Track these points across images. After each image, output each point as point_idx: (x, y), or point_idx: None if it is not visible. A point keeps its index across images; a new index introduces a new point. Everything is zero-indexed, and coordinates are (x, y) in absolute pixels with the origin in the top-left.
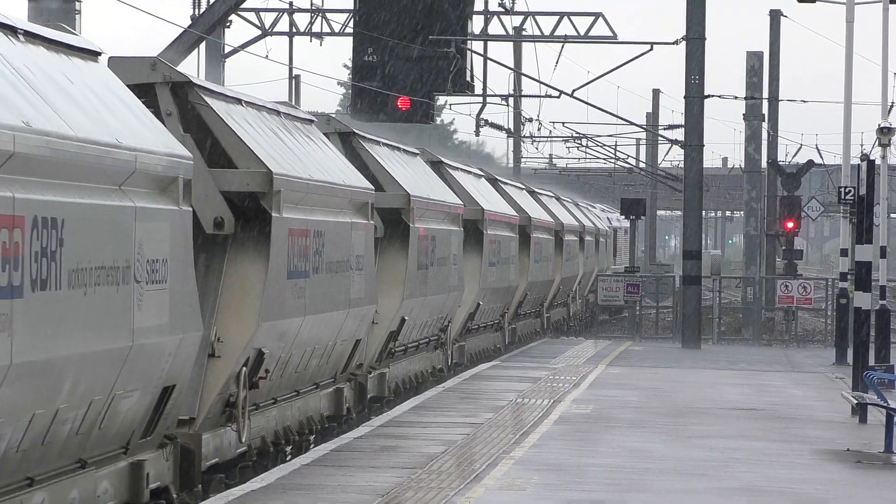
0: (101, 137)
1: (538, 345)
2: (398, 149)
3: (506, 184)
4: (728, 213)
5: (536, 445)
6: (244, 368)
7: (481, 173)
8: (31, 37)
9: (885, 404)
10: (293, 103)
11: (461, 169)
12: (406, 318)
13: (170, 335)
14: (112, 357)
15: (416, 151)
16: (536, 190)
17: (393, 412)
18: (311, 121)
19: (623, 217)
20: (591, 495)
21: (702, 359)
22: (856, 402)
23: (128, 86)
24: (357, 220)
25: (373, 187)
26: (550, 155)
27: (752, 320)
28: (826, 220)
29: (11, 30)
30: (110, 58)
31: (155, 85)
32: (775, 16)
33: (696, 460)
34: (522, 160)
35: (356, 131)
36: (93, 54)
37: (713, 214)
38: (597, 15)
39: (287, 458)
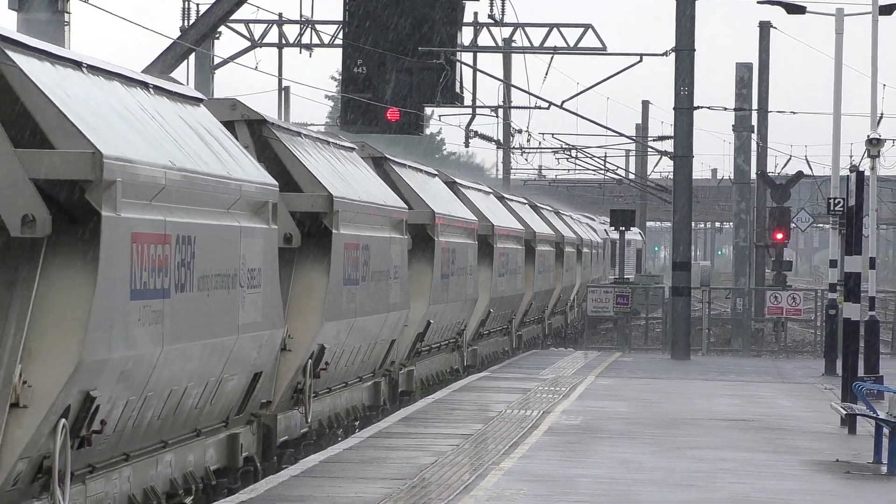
0: (218, 171)
1: (528, 356)
2: (420, 170)
3: (511, 200)
4: (717, 225)
5: (526, 457)
6: (310, 360)
7: (489, 190)
8: (158, 90)
9: (875, 415)
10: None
11: (472, 187)
12: (431, 321)
13: (261, 330)
14: (224, 346)
15: (435, 172)
16: (538, 205)
17: (381, 424)
18: (353, 148)
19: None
20: None
21: (691, 370)
22: (845, 412)
23: None
24: (394, 235)
25: (406, 206)
26: (540, 166)
27: (742, 331)
28: (815, 232)
29: (144, 85)
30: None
31: (234, 122)
32: (765, 27)
33: (685, 471)
34: (512, 171)
35: (387, 156)
36: (196, 101)
37: (703, 225)
38: (586, 26)
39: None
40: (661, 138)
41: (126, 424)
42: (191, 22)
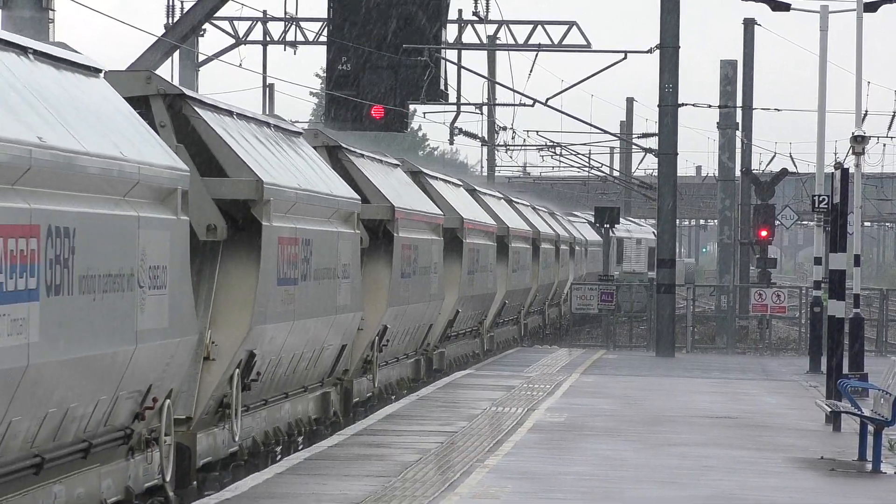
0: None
1: (512, 353)
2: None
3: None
4: (702, 222)
5: (511, 454)
6: (377, 343)
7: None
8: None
9: (859, 412)
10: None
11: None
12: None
13: (350, 312)
14: (327, 322)
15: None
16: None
17: (367, 420)
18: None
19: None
20: (565, 503)
21: (675, 367)
22: (829, 410)
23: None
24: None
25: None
26: (525, 163)
27: (726, 328)
28: (800, 229)
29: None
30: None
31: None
32: (749, 24)
33: (669, 468)
34: (496, 169)
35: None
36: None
37: (687, 223)
38: (571, 24)
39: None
40: (646, 135)
41: (267, 377)
42: (175, 19)
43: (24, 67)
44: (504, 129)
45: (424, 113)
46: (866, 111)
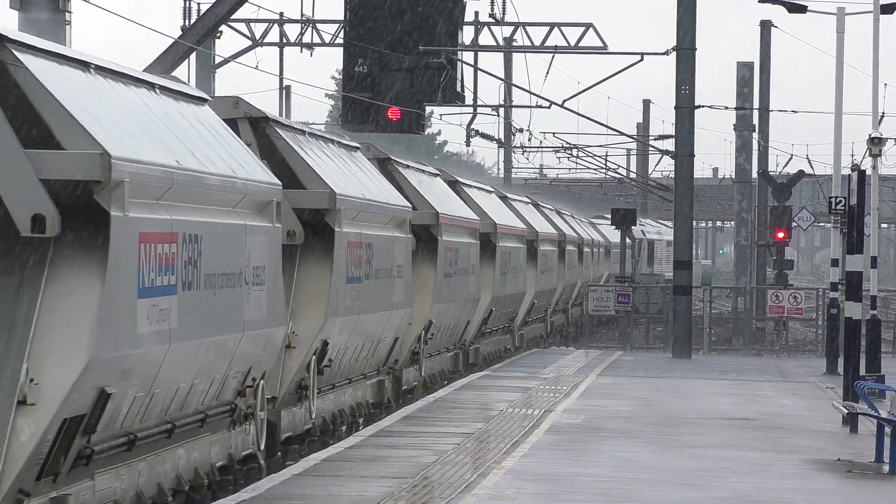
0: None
1: (529, 354)
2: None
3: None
4: (719, 224)
5: (527, 455)
6: (423, 333)
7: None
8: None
9: (876, 414)
10: (283, 114)
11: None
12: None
13: (404, 308)
14: (385, 317)
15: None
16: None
17: (383, 422)
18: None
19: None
20: None
21: (692, 369)
22: (846, 411)
23: None
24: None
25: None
26: (541, 165)
27: (743, 330)
28: (817, 231)
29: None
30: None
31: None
32: (766, 26)
33: (686, 470)
34: (513, 170)
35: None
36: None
37: (704, 225)
38: (587, 25)
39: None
40: (663, 137)
41: (336, 364)
42: (192, 21)
43: (155, 101)
44: (520, 130)
45: (441, 115)
46: (883, 113)
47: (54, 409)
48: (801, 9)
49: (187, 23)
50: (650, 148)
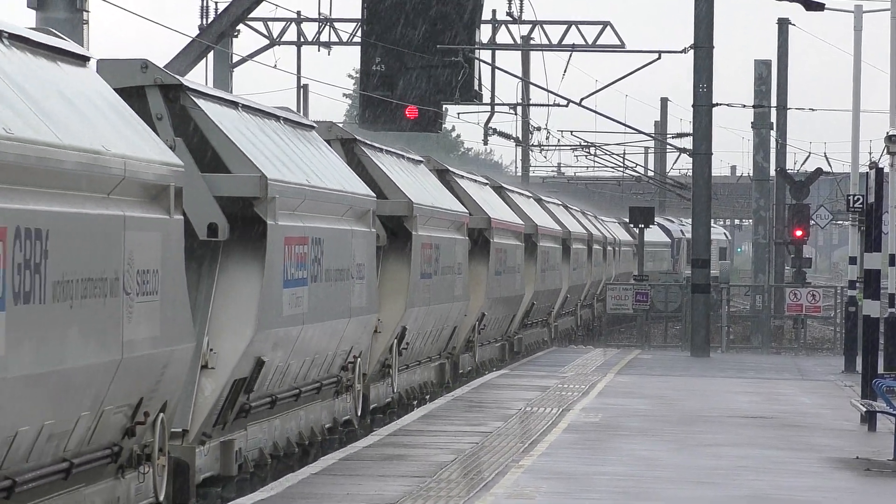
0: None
1: (546, 353)
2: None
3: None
4: (737, 222)
5: (545, 454)
6: (477, 324)
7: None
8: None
9: (894, 412)
10: (301, 112)
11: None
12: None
13: (463, 301)
14: (448, 307)
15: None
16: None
17: (401, 421)
18: (312, 127)
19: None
20: (600, 503)
21: (710, 367)
22: (865, 410)
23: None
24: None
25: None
26: (559, 164)
27: (761, 328)
28: (835, 228)
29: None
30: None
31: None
32: (783, 24)
33: (704, 468)
34: (531, 169)
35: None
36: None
37: (722, 223)
38: (605, 24)
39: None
40: (680, 135)
41: (411, 347)
42: (209, 20)
43: (281, 130)
44: (538, 129)
45: (458, 113)
46: None
47: (228, 372)
48: (819, 6)
49: (205, 22)
50: (668, 146)
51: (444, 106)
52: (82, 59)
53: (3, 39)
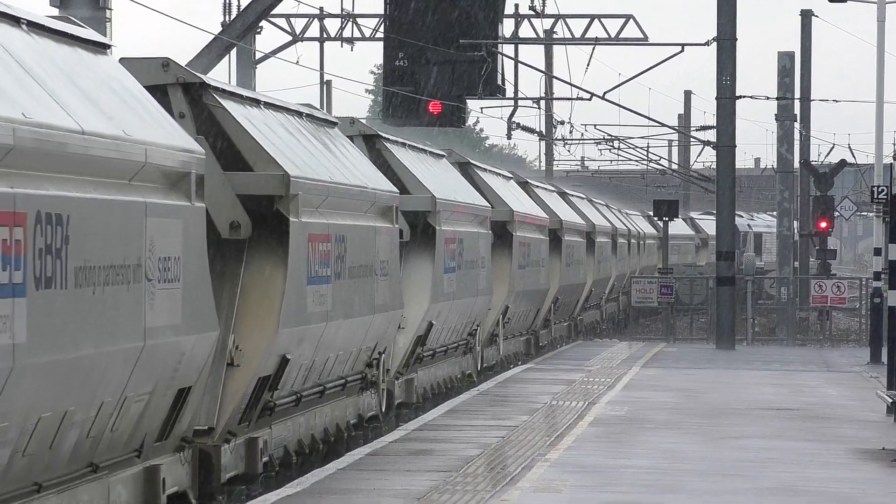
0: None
1: (572, 347)
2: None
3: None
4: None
5: (571, 448)
6: (501, 317)
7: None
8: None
9: None
10: (324, 108)
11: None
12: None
13: (483, 295)
14: (469, 303)
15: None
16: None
17: (427, 416)
18: (335, 123)
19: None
20: (627, 497)
21: (736, 359)
22: (891, 401)
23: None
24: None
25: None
26: (582, 157)
27: (787, 320)
28: (859, 220)
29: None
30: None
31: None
32: (806, 16)
33: (731, 461)
34: (554, 163)
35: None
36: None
37: (746, 215)
38: (627, 17)
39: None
40: (704, 128)
41: (432, 341)
42: (232, 17)
43: (303, 126)
44: (562, 123)
45: (482, 108)
46: None
47: (253, 369)
48: None
49: (227, 19)
50: (691, 139)
51: (468, 101)
52: (103, 47)
53: (23, 26)
